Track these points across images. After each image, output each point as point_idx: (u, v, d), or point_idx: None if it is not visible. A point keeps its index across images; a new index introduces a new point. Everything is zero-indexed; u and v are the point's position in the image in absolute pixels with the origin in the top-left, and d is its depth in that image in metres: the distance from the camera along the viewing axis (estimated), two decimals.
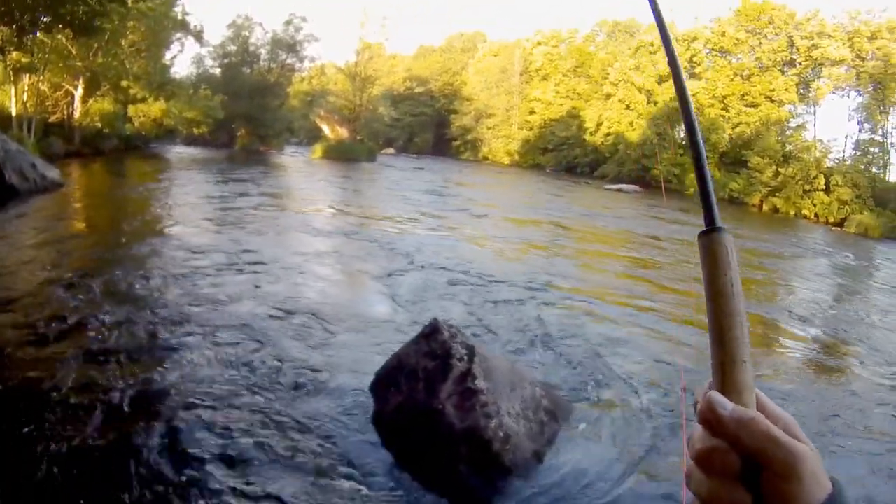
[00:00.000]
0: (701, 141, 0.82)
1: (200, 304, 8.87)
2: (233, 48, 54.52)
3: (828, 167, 48.15)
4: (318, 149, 54.64)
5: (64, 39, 28.05)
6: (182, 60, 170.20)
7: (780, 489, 0.64)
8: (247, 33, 55.01)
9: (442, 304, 10.25)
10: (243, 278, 10.58)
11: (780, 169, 48.46)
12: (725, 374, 0.71)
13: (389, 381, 5.87)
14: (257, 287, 10.12)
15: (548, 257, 16.00)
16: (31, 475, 4.46)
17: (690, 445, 0.71)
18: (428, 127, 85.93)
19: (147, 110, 36.19)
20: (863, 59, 50.40)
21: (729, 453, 0.67)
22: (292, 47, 56.12)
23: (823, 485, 0.65)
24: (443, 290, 11.16)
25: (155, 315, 8.14)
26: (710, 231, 0.76)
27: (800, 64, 54.43)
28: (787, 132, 54.18)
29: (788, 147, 51.54)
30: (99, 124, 32.81)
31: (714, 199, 0.78)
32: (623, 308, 11.53)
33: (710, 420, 0.68)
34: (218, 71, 54.12)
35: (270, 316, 8.67)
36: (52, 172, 19.16)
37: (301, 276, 11.22)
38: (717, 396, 0.69)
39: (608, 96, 66.31)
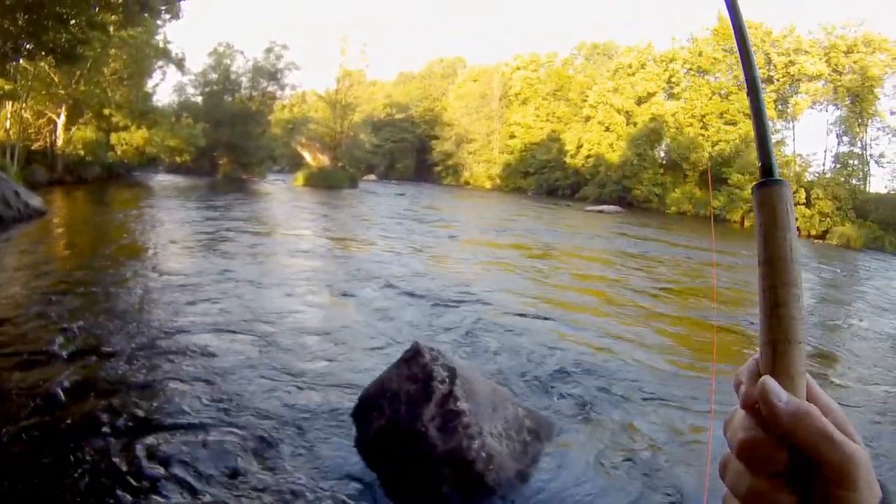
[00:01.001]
0: (759, 79, 0.75)
1: (175, 330, 8.79)
2: (214, 76, 54.74)
3: (808, 181, 48.95)
4: (299, 176, 54.82)
5: (47, 67, 28.05)
6: (164, 88, 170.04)
7: (834, 495, 0.58)
8: (228, 61, 55.33)
9: (423, 327, 10.24)
10: (221, 305, 10.45)
11: None
12: (778, 354, 0.63)
13: (372, 405, 5.91)
14: (234, 313, 9.98)
15: (529, 279, 16.00)
16: None
17: (731, 433, 0.64)
18: (409, 153, 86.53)
19: (129, 138, 36.11)
20: (840, 74, 51.21)
21: (778, 448, 0.60)
22: (273, 75, 56.47)
23: (876, 492, 0.59)
24: (424, 314, 11.12)
25: (129, 340, 8.09)
26: (768, 183, 0.68)
27: (777, 80, 55.22)
28: None
29: None
30: (81, 152, 32.71)
31: (772, 147, 0.71)
32: (607, 326, 11.50)
33: (763, 410, 0.61)
34: (199, 99, 54.25)
35: (248, 342, 8.61)
36: (35, 200, 19.12)
37: (280, 303, 11.16)
38: (773, 384, 0.61)
39: (587, 118, 67.09)
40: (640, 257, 21.61)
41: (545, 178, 70.56)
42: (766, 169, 0.70)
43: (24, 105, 28.34)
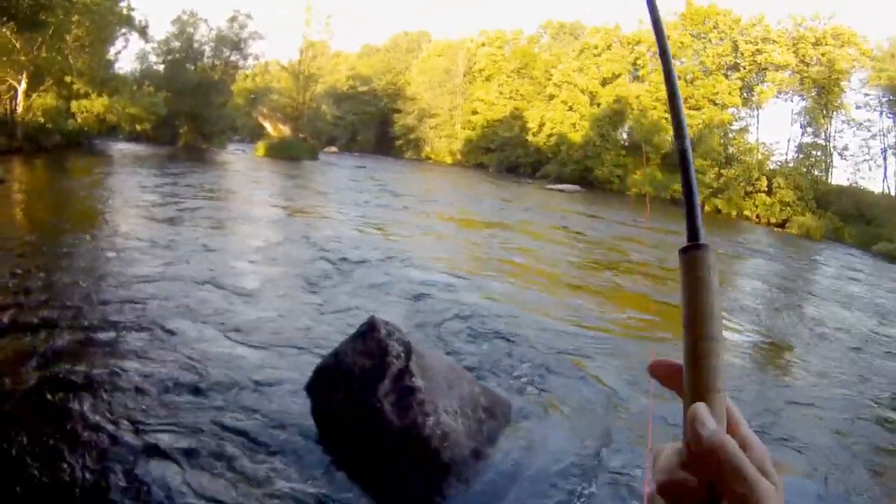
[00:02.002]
0: (689, 149, 0.80)
1: (128, 299, 8.88)
2: (177, 44, 53.86)
3: (770, 169, 49.83)
4: (260, 147, 54.73)
5: (8, 33, 27.88)
6: (126, 56, 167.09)
7: None
8: (191, 30, 54.41)
9: (378, 301, 10.37)
10: (174, 274, 10.62)
11: (722, 171, 49.95)
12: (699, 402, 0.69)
13: (327, 379, 5.86)
14: (188, 283, 10.15)
15: (486, 254, 16.55)
16: None
17: (657, 472, 0.70)
18: (371, 126, 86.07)
19: (90, 106, 35.78)
20: (807, 65, 51.77)
21: (695, 489, 0.66)
22: (237, 45, 55.83)
23: None
24: (379, 288, 11.30)
25: (85, 312, 8.18)
26: (693, 248, 0.74)
27: (744, 68, 55.78)
28: (730, 135, 55.53)
29: (731, 149, 53.20)
30: (42, 120, 32.46)
31: (699, 213, 0.77)
32: (564, 303, 11.98)
33: (689, 432, 0.66)
34: (161, 67, 53.39)
35: (201, 312, 8.70)
36: None
37: (234, 272, 11.28)
38: (703, 411, 0.67)
39: (551, 97, 67.11)
40: (590, 236, 22.31)
41: (506, 155, 70.54)
42: (692, 234, 0.75)
43: None
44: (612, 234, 23.75)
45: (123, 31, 42.18)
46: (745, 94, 56.30)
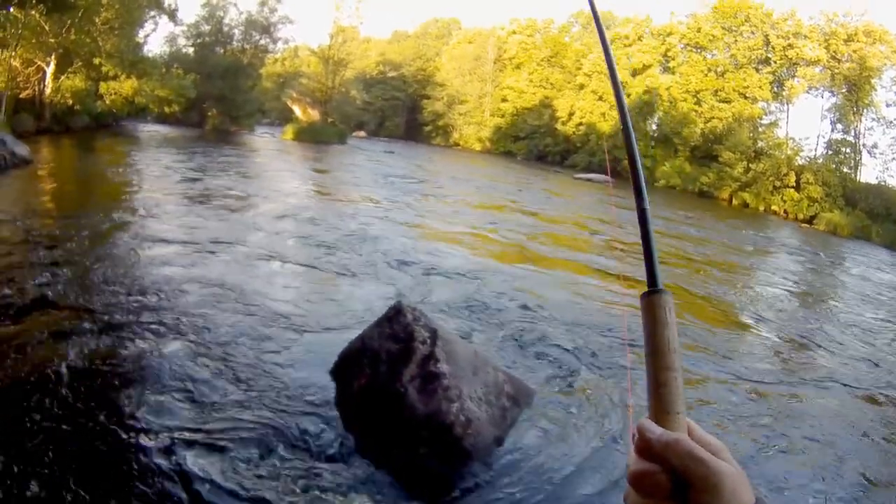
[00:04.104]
0: (648, 208, 0.92)
1: (156, 284, 8.84)
2: (206, 28, 54.25)
3: (799, 165, 48.54)
4: (289, 130, 54.69)
5: (37, 15, 27.92)
6: (155, 39, 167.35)
7: (700, 501, 0.70)
8: (221, 13, 54.81)
9: (406, 287, 10.38)
10: (204, 260, 10.54)
11: (750, 165, 49.02)
12: (661, 423, 0.78)
13: (352, 363, 5.80)
14: (215, 268, 10.11)
15: (514, 244, 16.32)
16: None
17: (627, 467, 0.78)
18: (400, 111, 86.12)
19: (119, 88, 36.08)
20: (838, 61, 50.90)
21: (658, 474, 0.73)
22: (266, 28, 56.15)
23: (746, 501, 0.71)
24: (407, 274, 11.27)
25: (114, 296, 8.13)
26: (652, 293, 0.84)
27: (774, 62, 55.07)
28: (760, 129, 54.83)
29: (760, 143, 52.35)
30: (70, 101, 32.67)
31: (657, 262, 0.87)
32: (592, 294, 11.75)
33: (641, 444, 0.76)
34: (191, 50, 53.79)
35: (228, 296, 8.66)
36: (22, 149, 19.36)
37: (261, 258, 11.16)
38: (647, 423, 0.77)
39: (581, 87, 67.02)
40: (620, 225, 22.01)
41: (535, 144, 70.60)
42: (651, 280, 0.85)
43: (13, 53, 28.33)
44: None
45: (153, 13, 42.46)
46: (775, 89, 55.66)
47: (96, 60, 34.44)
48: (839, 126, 51.54)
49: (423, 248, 13.52)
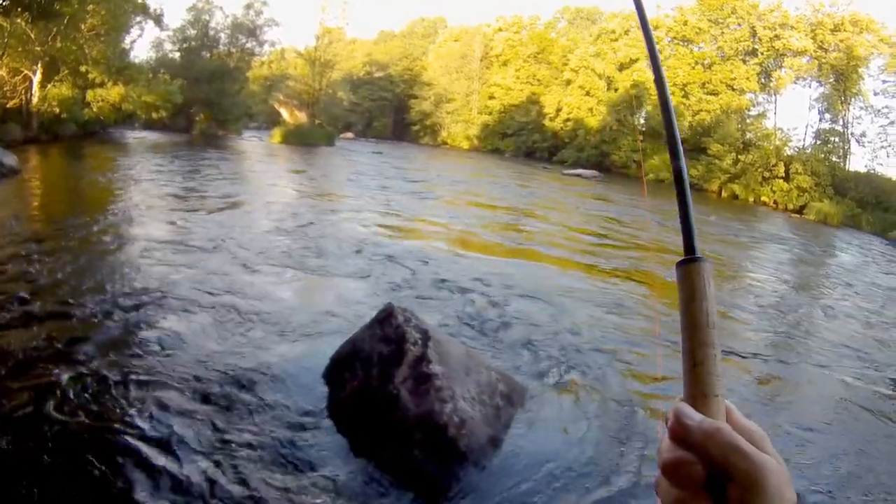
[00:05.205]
0: (685, 168, 0.86)
1: (145, 289, 8.86)
2: (192, 32, 54.01)
3: (787, 155, 48.61)
4: (276, 133, 54.52)
5: (23, 23, 27.82)
6: (141, 44, 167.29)
7: (744, 500, 0.64)
8: (207, 17, 54.54)
9: (395, 288, 10.40)
10: (191, 262, 10.61)
11: (739, 156, 49.11)
12: (697, 407, 0.71)
13: (344, 366, 5.86)
14: (205, 271, 10.14)
15: (502, 240, 16.47)
16: None
17: (659, 454, 0.72)
18: (387, 111, 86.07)
19: (106, 95, 35.93)
20: (825, 51, 50.84)
21: (694, 464, 0.67)
22: (252, 31, 55.86)
23: (788, 499, 0.66)
24: (396, 275, 11.26)
25: (99, 299, 8.19)
26: (690, 261, 0.77)
27: (761, 54, 54.99)
28: (748, 120, 54.88)
29: (748, 135, 52.38)
30: (57, 110, 32.55)
31: (694, 228, 0.81)
32: (581, 290, 11.83)
33: (678, 430, 0.70)
34: (177, 55, 53.56)
35: (218, 300, 8.66)
36: (10, 159, 19.28)
37: (251, 260, 11.19)
38: (685, 407, 0.71)
39: (568, 82, 67.06)
40: (613, 220, 22.20)
41: (523, 140, 70.51)
42: (689, 248, 0.79)
43: None
44: (632, 218, 23.58)
45: (139, 19, 42.23)
46: (762, 80, 55.57)
47: (83, 68, 34.34)
48: (827, 116, 51.55)
49: (413, 249, 13.56)
